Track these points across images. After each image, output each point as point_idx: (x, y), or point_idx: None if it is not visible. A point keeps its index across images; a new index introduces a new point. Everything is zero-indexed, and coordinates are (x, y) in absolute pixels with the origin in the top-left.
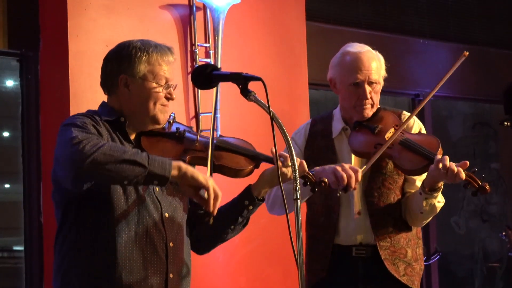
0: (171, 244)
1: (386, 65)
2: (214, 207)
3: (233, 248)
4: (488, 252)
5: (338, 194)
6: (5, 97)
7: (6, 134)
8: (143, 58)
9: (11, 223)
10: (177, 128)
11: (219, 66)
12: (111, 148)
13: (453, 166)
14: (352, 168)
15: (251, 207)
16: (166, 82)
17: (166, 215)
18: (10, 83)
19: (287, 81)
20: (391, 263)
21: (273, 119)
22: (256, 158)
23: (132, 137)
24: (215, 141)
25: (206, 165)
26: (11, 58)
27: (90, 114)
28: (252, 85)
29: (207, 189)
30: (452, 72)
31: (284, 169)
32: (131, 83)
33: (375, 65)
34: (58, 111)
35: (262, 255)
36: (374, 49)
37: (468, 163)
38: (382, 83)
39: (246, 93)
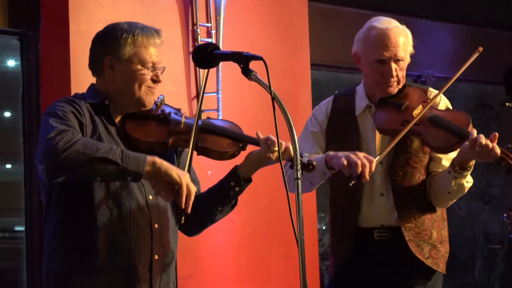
0: (156, 226)
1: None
2: (187, 205)
3: (234, 229)
4: (489, 234)
5: (351, 184)
6: (5, 77)
7: (7, 114)
8: (129, 40)
9: (12, 203)
10: (162, 110)
11: (220, 46)
12: (84, 145)
13: (489, 142)
14: (367, 157)
15: (237, 188)
16: (153, 65)
17: (150, 197)
18: (11, 63)
19: (288, 61)
20: (416, 244)
21: (274, 98)
22: (241, 141)
23: (117, 119)
24: (200, 123)
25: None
26: (11, 37)
27: (73, 99)
28: (253, 65)
29: (180, 186)
30: (466, 66)
31: (269, 154)
32: (116, 65)
33: (402, 41)
34: (59, 91)
35: (263, 235)
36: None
37: (497, 134)
38: (408, 60)
39: (247, 72)
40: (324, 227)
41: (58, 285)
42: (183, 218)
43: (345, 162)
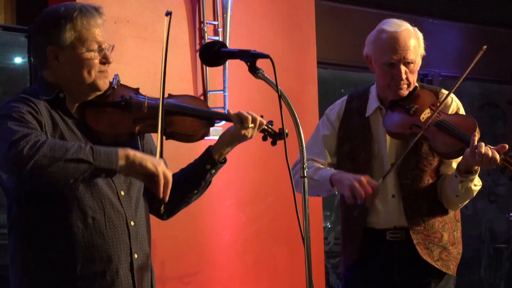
0: (132, 223)
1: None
2: (165, 194)
3: (240, 226)
4: (495, 233)
5: (355, 214)
6: (13, 73)
7: None
8: (68, 25)
9: None
10: (123, 96)
11: (227, 44)
12: (51, 147)
13: (488, 151)
14: (370, 183)
15: (213, 171)
16: (99, 46)
17: (122, 193)
18: (18, 59)
19: (295, 59)
20: (424, 247)
21: (280, 96)
22: (209, 118)
23: (74, 110)
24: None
25: (157, 132)
26: (19, 34)
27: (27, 96)
28: (260, 63)
29: (157, 176)
30: (472, 66)
31: (244, 131)
32: (60, 54)
33: (412, 43)
34: None
35: (269, 233)
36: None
37: (506, 146)
38: (419, 62)
39: (254, 70)
40: (329, 225)
41: None
42: (162, 207)
43: (350, 194)
